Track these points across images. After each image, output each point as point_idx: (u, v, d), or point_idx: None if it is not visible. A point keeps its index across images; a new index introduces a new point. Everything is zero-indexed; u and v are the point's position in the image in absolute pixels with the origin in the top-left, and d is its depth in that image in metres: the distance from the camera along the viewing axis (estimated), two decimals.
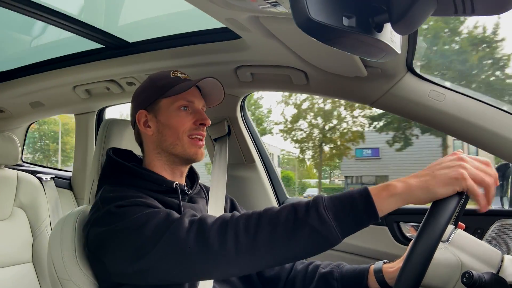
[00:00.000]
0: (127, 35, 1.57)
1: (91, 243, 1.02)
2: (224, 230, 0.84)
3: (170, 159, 1.16)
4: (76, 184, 2.43)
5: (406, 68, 1.30)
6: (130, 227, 0.92)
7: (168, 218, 0.91)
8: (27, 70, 1.91)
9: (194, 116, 1.16)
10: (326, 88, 1.47)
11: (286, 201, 1.84)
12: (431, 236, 0.73)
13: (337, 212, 0.79)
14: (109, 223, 0.96)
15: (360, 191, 0.80)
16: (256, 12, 1.02)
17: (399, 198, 0.77)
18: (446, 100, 1.27)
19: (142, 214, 0.93)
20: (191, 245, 0.85)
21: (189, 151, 1.14)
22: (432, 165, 0.80)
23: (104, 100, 2.05)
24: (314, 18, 0.51)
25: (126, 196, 1.00)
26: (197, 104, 1.18)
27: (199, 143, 1.15)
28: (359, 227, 0.79)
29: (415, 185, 0.77)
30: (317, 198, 0.82)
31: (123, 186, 1.08)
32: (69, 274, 1.04)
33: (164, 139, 1.15)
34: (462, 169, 0.76)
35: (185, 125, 1.14)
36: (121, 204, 0.97)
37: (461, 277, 0.82)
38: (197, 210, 1.18)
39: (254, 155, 1.83)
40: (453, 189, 0.75)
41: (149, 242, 0.89)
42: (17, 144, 1.96)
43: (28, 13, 1.35)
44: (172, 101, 1.15)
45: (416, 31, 1.11)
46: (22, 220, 1.92)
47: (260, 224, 0.82)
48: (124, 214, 0.95)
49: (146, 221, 0.91)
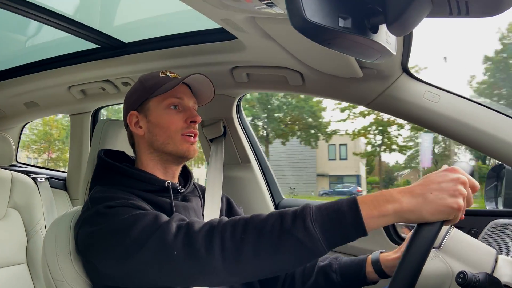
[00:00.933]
0: (122, 35, 1.57)
1: (80, 243, 1.01)
2: (210, 236, 0.83)
3: (162, 158, 1.16)
4: (71, 185, 2.42)
5: (401, 69, 1.30)
6: (117, 228, 0.92)
7: (156, 221, 0.90)
8: (22, 70, 1.90)
9: (185, 114, 1.15)
10: (321, 88, 1.47)
11: (282, 202, 1.84)
12: (415, 261, 0.73)
13: (324, 225, 0.76)
14: (98, 223, 0.95)
15: (350, 205, 0.76)
16: (252, 12, 1.02)
17: (389, 219, 0.75)
18: (441, 101, 1.28)
19: (130, 215, 0.92)
20: (177, 250, 0.84)
21: (181, 148, 1.13)
22: (430, 179, 0.76)
23: (99, 101, 2.04)
24: (310, 19, 0.51)
25: (116, 196, 1.00)
26: (186, 102, 1.17)
27: (191, 139, 1.15)
28: (346, 241, 0.77)
29: (406, 207, 0.74)
30: (305, 208, 0.79)
31: (114, 187, 1.08)
32: (63, 275, 1.03)
33: (156, 138, 1.14)
34: (461, 198, 0.74)
35: (176, 124, 1.13)
36: (110, 204, 0.97)
37: (456, 277, 0.82)
38: (190, 209, 1.18)
39: (250, 156, 1.83)
40: (444, 217, 0.74)
41: (135, 244, 0.88)
42: (11, 144, 1.95)
43: (23, 13, 1.35)
44: (161, 100, 1.15)
45: (411, 32, 1.11)
46: (17, 221, 1.90)
47: (246, 231, 0.81)
48: (112, 215, 0.94)
49: (134, 223, 0.90)
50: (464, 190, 0.75)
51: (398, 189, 0.76)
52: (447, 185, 0.74)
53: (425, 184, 0.76)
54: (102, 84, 1.79)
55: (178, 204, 1.14)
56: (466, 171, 0.86)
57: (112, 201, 0.98)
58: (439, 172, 0.78)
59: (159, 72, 1.19)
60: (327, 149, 20.22)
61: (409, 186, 0.77)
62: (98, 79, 1.77)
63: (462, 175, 0.76)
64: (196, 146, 1.18)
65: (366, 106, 1.42)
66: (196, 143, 1.18)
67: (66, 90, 1.90)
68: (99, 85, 1.81)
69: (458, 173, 0.76)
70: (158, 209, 1.08)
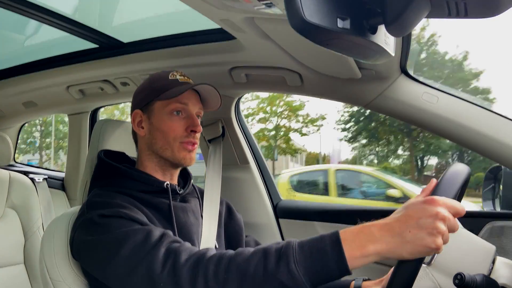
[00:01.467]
0: (121, 35, 1.57)
1: (75, 249, 1.02)
2: (195, 272, 0.82)
3: (160, 161, 1.15)
4: (69, 185, 2.41)
5: (399, 70, 1.31)
6: (108, 243, 0.92)
7: (146, 243, 0.89)
8: (20, 70, 1.90)
9: (187, 122, 1.14)
10: (320, 89, 1.47)
11: (280, 203, 1.84)
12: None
13: (307, 267, 0.76)
14: (90, 233, 0.96)
15: (333, 245, 0.76)
16: (251, 13, 1.02)
17: (371, 259, 0.75)
18: (439, 103, 1.28)
19: (121, 231, 0.92)
20: (163, 282, 0.84)
21: (178, 155, 1.13)
22: (409, 214, 0.74)
23: (98, 101, 2.04)
24: (309, 19, 0.51)
25: (111, 203, 1.00)
26: (191, 108, 1.15)
27: (189, 147, 1.13)
28: (329, 280, 0.77)
29: (386, 248, 0.73)
30: (288, 247, 0.79)
31: (113, 190, 1.08)
32: (61, 275, 1.03)
33: (155, 141, 1.14)
34: (439, 236, 0.71)
35: (176, 131, 1.12)
36: (103, 213, 0.97)
37: (453, 279, 0.82)
38: (189, 210, 1.18)
39: (248, 156, 1.83)
40: (423, 255, 0.73)
41: (124, 265, 0.89)
42: (9, 144, 1.94)
43: (22, 12, 1.35)
44: (166, 104, 1.13)
45: (410, 33, 1.11)
46: (14, 221, 1.90)
47: (229, 271, 0.80)
48: (104, 227, 0.95)
49: (124, 240, 0.91)
50: (443, 227, 0.72)
51: (378, 226, 0.75)
52: (425, 222, 0.72)
53: (403, 220, 0.74)
54: (100, 84, 1.79)
55: (177, 205, 1.14)
56: (463, 174, 0.85)
57: (106, 209, 0.98)
58: (418, 203, 0.75)
59: (169, 72, 1.18)
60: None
61: (389, 222, 0.75)
62: (96, 79, 1.76)
63: (443, 206, 0.73)
64: (194, 155, 1.16)
65: (365, 107, 1.42)
66: (195, 152, 1.16)
67: (65, 89, 1.90)
68: (98, 85, 1.81)
69: (438, 205, 0.73)
70: (157, 211, 1.09)
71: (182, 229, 1.11)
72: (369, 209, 1.68)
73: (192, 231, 1.15)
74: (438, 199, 0.74)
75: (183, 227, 1.12)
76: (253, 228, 1.73)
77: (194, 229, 1.16)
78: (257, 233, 1.61)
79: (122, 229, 0.93)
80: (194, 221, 1.18)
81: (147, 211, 1.06)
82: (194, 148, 1.15)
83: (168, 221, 1.10)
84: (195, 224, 1.18)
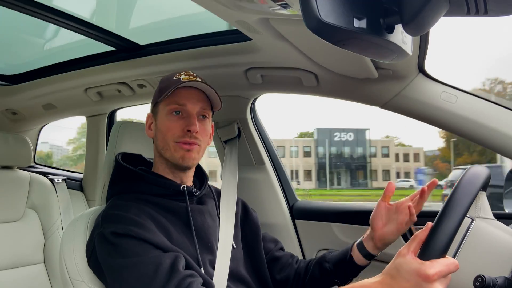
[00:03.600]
0: (138, 37, 1.58)
1: (90, 258, 1.05)
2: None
3: (168, 163, 1.15)
4: (87, 186, 2.45)
5: (417, 70, 1.29)
6: (117, 270, 0.95)
7: (156, 277, 0.91)
8: (40, 73, 1.94)
9: (184, 121, 1.12)
10: (336, 90, 1.46)
11: (296, 204, 1.83)
12: None
13: None
14: (103, 252, 0.99)
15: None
16: (266, 14, 1.02)
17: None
18: (458, 102, 1.26)
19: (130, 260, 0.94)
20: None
21: (176, 155, 1.11)
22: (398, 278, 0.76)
23: (115, 103, 2.06)
24: (325, 19, 0.50)
25: (124, 219, 1.01)
26: (190, 108, 1.13)
27: (185, 146, 1.11)
28: None
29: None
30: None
31: (128, 198, 1.09)
32: (81, 275, 1.05)
33: (158, 143, 1.15)
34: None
35: (173, 131, 1.11)
36: (116, 231, 0.98)
37: (474, 281, 0.81)
38: (205, 212, 1.18)
39: (264, 157, 1.82)
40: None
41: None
42: (29, 146, 1.98)
43: (41, 17, 1.37)
44: (166, 104, 1.14)
45: (428, 32, 1.10)
46: (34, 221, 1.94)
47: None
48: (116, 248, 0.97)
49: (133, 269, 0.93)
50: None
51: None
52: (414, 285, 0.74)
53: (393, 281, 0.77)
54: (117, 86, 1.81)
55: (194, 208, 1.14)
56: (482, 175, 0.83)
57: (119, 225, 0.99)
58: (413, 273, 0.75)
59: (175, 74, 1.17)
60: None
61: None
62: (114, 81, 1.79)
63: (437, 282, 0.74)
64: (195, 155, 1.14)
65: (382, 107, 1.41)
66: (196, 151, 1.14)
67: (83, 92, 1.93)
68: (115, 87, 1.83)
69: (433, 281, 0.74)
70: (174, 215, 1.10)
71: (200, 232, 1.12)
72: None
73: (210, 233, 1.15)
74: (432, 274, 0.73)
75: (201, 230, 1.13)
76: (269, 229, 1.73)
77: (211, 231, 1.16)
78: (273, 234, 1.60)
79: (131, 257, 0.95)
80: (211, 223, 1.18)
81: (164, 217, 1.07)
82: (193, 148, 1.12)
83: (186, 225, 1.10)
84: (212, 226, 1.18)
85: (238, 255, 1.20)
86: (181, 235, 1.07)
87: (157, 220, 1.04)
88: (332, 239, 1.66)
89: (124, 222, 1.00)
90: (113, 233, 0.98)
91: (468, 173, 0.86)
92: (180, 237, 1.06)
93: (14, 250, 1.83)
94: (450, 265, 0.75)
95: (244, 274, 1.19)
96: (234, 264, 1.16)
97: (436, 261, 0.75)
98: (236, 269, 1.16)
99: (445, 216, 0.80)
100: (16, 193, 1.91)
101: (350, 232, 1.62)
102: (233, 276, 1.13)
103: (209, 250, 1.12)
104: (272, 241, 1.36)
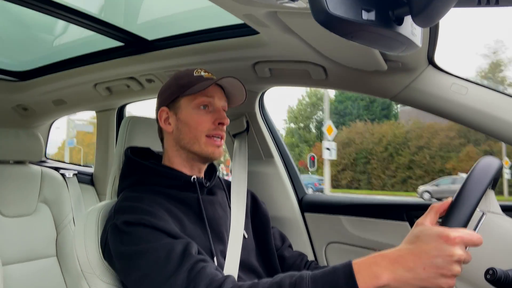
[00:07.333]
0: (146, 33, 1.59)
1: (105, 252, 1.06)
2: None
3: (189, 156, 1.17)
4: (98, 180, 2.47)
5: (427, 61, 1.28)
6: (130, 256, 0.96)
7: (168, 261, 0.92)
8: (50, 69, 1.96)
9: (213, 115, 1.16)
10: (345, 82, 1.46)
11: (305, 197, 1.84)
12: None
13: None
14: (116, 241, 1.00)
15: (347, 279, 0.77)
16: (274, 7, 1.02)
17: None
18: (469, 93, 1.25)
19: (143, 247, 0.95)
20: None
21: (207, 150, 1.15)
22: (424, 250, 0.74)
23: (124, 97, 2.08)
24: (333, 12, 0.50)
25: (136, 209, 1.02)
26: (217, 102, 1.18)
27: (217, 142, 1.16)
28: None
29: (398, 281, 0.74)
30: (301, 282, 0.81)
31: (141, 190, 1.11)
32: (93, 268, 1.06)
33: (183, 137, 1.16)
34: (453, 278, 0.72)
35: (204, 124, 1.14)
36: (128, 220, 0.99)
37: (485, 274, 0.80)
38: (216, 202, 1.20)
39: (273, 151, 1.83)
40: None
41: (142, 284, 0.93)
42: (41, 141, 2.01)
43: (51, 13, 1.38)
44: (192, 99, 1.16)
45: (437, 23, 1.08)
46: (46, 215, 1.97)
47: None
48: (128, 236, 0.98)
49: (146, 255, 0.94)
50: (458, 268, 0.72)
51: (392, 258, 0.76)
52: (441, 263, 0.72)
53: (417, 255, 0.74)
54: (126, 81, 1.82)
55: (204, 199, 1.16)
56: (494, 167, 0.83)
57: (132, 215, 1.00)
58: (434, 237, 0.74)
59: (193, 70, 1.20)
60: None
61: (403, 255, 0.75)
62: (123, 76, 1.80)
63: (459, 245, 0.72)
64: (222, 149, 1.18)
65: (391, 99, 1.40)
66: (222, 146, 1.18)
67: (92, 87, 1.94)
68: (124, 82, 1.84)
69: (455, 243, 0.72)
70: (185, 206, 1.11)
71: (211, 222, 1.13)
72: (396, 202, 1.65)
73: (221, 223, 1.16)
74: (455, 236, 0.72)
75: (212, 220, 1.14)
76: (278, 222, 1.73)
77: (222, 221, 1.18)
78: (282, 227, 1.61)
79: (143, 244, 0.95)
80: (222, 213, 1.20)
81: (176, 207, 1.08)
82: (222, 143, 1.17)
83: (199, 216, 1.11)
84: (223, 216, 1.19)
85: (249, 245, 1.22)
86: (194, 225, 1.08)
87: (171, 210, 1.05)
88: (341, 232, 1.66)
89: (136, 212, 1.01)
90: (126, 222, 0.99)
91: (487, 157, 0.88)
92: (193, 228, 1.07)
93: (27, 244, 1.86)
94: (473, 234, 0.74)
95: (255, 264, 1.20)
96: (245, 254, 1.17)
97: (458, 228, 0.75)
98: (247, 259, 1.17)
99: (466, 190, 0.81)
100: (29, 188, 1.94)
101: (360, 225, 1.62)
102: (244, 266, 1.14)
103: (220, 240, 1.13)
104: (279, 238, 1.37)
